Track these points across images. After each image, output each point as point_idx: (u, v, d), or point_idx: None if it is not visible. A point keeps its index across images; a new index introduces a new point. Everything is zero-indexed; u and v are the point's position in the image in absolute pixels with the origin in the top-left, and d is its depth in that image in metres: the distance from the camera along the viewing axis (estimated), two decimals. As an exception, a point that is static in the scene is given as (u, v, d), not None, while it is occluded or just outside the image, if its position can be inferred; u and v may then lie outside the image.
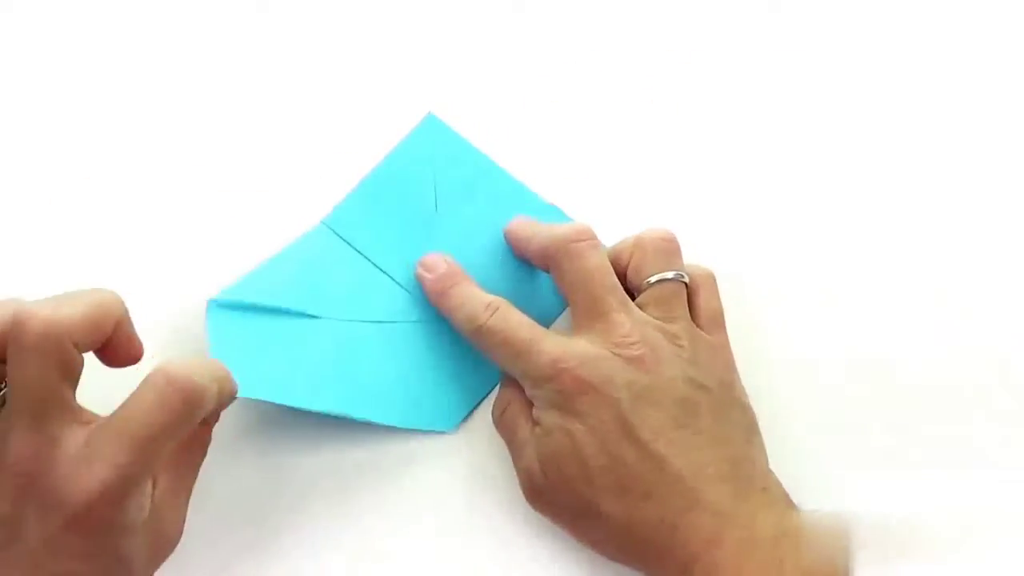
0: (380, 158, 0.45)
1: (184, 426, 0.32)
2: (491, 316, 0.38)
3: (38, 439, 0.31)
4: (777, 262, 0.45)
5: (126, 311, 0.34)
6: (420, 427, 0.41)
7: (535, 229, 0.41)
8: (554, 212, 0.44)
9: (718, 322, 0.40)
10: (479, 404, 0.42)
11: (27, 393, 0.31)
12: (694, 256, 0.41)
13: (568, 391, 0.36)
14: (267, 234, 0.43)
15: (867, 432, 0.42)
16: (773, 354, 0.42)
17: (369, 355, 0.41)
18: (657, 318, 0.38)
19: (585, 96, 0.47)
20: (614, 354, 0.37)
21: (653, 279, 0.39)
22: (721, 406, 0.37)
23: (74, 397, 0.32)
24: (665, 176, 0.46)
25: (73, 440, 0.31)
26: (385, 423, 0.41)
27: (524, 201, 0.44)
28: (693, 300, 0.40)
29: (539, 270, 0.42)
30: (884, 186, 0.46)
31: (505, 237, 0.43)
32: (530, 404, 0.39)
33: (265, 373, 0.39)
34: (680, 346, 0.37)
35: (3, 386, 0.33)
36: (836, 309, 0.44)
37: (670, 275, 0.39)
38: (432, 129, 0.45)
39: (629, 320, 0.37)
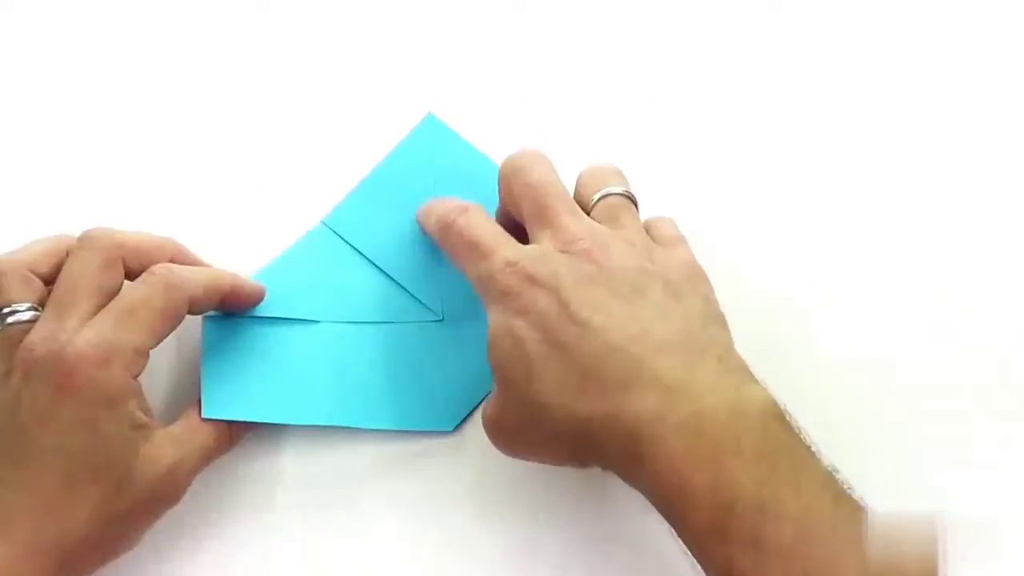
0: (380, 158, 0.45)
1: (164, 301, 0.36)
2: (460, 215, 0.38)
3: (55, 325, 0.34)
4: (777, 262, 0.44)
5: (182, 250, 0.40)
6: (420, 428, 0.41)
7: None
8: None
9: (678, 241, 0.38)
10: (479, 404, 0.42)
11: (65, 284, 0.35)
12: (695, 254, 0.40)
13: (513, 289, 0.35)
14: (267, 234, 0.43)
15: (867, 432, 0.42)
16: (772, 353, 0.42)
17: (367, 357, 0.41)
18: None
19: (585, 96, 0.47)
20: (560, 251, 0.35)
21: (596, 196, 0.38)
22: (678, 293, 0.35)
23: (98, 308, 0.35)
24: (665, 176, 0.46)
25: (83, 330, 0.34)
26: (385, 428, 0.41)
27: None
28: (650, 231, 0.39)
29: None
30: (884, 186, 0.46)
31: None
32: None
33: (259, 391, 0.40)
34: (632, 244, 0.36)
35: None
36: (836, 309, 0.44)
37: (616, 190, 0.38)
38: (432, 129, 0.45)
39: (577, 222, 0.36)
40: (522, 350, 0.34)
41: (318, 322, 0.41)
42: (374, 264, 0.43)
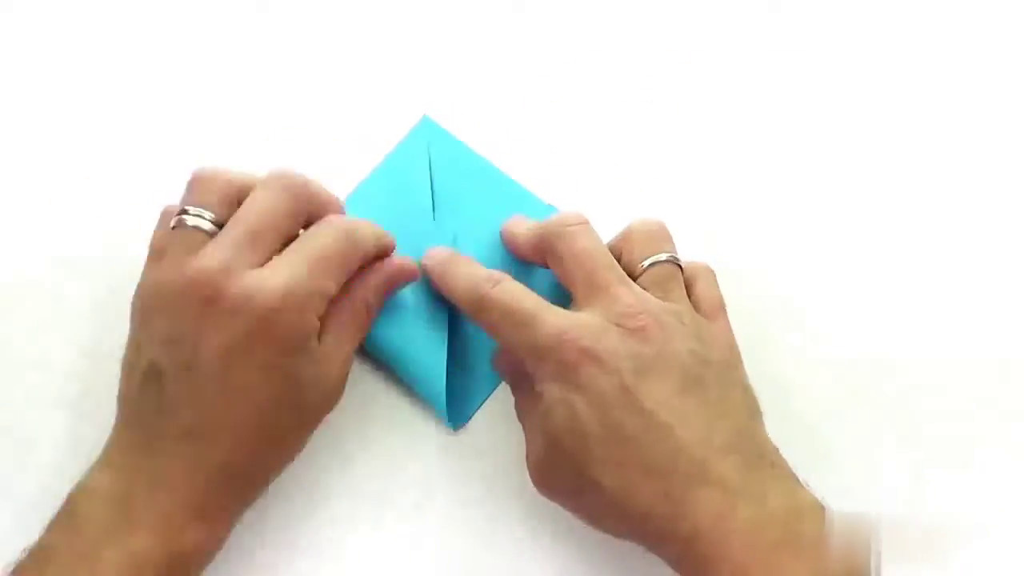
0: (378, 160, 0.45)
1: (348, 250, 0.37)
2: (493, 286, 0.38)
3: (229, 255, 0.35)
4: (778, 262, 0.45)
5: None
6: (433, 405, 0.41)
7: (527, 224, 0.41)
8: (552, 212, 0.44)
9: (719, 309, 0.39)
10: (481, 405, 0.42)
11: (252, 217, 0.36)
12: (695, 254, 0.40)
13: (570, 362, 0.35)
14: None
15: (867, 431, 0.42)
16: (772, 353, 0.42)
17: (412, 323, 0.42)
18: (657, 298, 0.38)
19: (585, 96, 0.47)
20: (618, 326, 0.36)
21: (646, 263, 0.38)
22: (726, 383, 0.36)
23: (276, 251, 0.36)
24: (665, 176, 0.46)
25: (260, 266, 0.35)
26: (412, 386, 0.41)
27: (522, 201, 0.44)
28: (692, 289, 0.39)
29: (537, 270, 0.42)
30: (884, 186, 0.46)
31: (502, 238, 0.43)
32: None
33: None
34: (683, 323, 0.37)
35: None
36: (836, 309, 0.44)
37: (663, 257, 0.38)
38: (428, 131, 0.45)
39: (631, 294, 0.37)
40: (580, 426, 0.35)
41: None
42: None
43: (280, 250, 0.37)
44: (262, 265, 0.35)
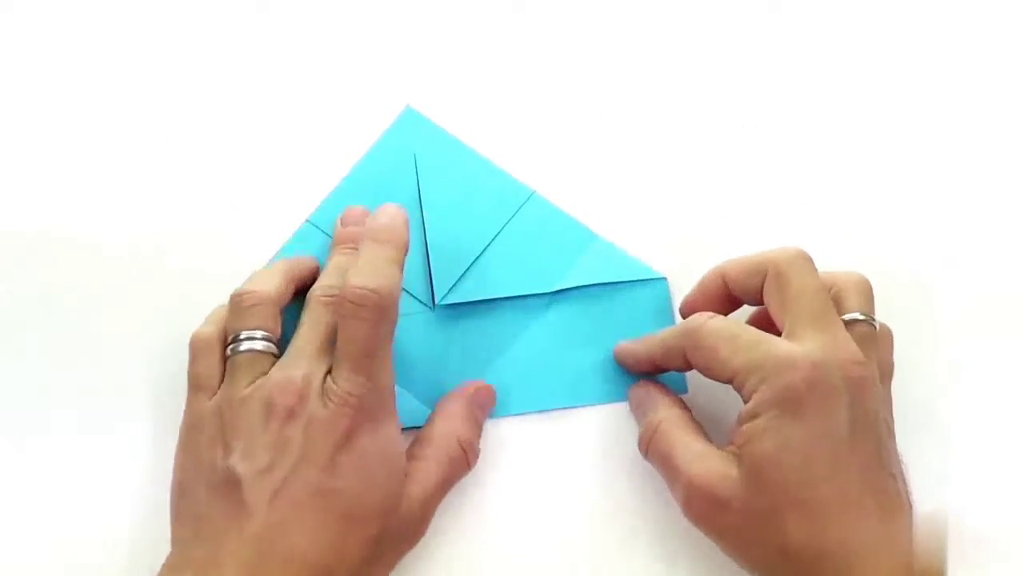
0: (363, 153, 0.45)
1: (386, 330, 0.36)
2: (708, 319, 0.38)
3: (305, 367, 0.36)
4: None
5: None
6: None
7: (749, 257, 0.40)
8: (532, 196, 0.44)
9: (890, 375, 0.40)
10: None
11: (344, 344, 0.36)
12: (689, 251, 0.40)
13: (797, 393, 0.35)
14: (254, 236, 0.43)
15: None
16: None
17: None
18: None
19: (585, 97, 0.47)
20: (841, 370, 0.36)
21: (847, 317, 0.38)
22: (895, 450, 0.37)
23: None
24: (660, 174, 0.45)
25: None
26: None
27: (505, 187, 0.44)
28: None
29: (523, 256, 0.42)
30: (883, 185, 0.45)
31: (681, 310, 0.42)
32: (687, 421, 0.39)
33: None
34: (877, 384, 0.37)
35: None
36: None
37: (862, 316, 0.38)
38: (411, 121, 0.45)
39: (852, 343, 0.37)
40: (789, 458, 0.35)
41: None
42: None
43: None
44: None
